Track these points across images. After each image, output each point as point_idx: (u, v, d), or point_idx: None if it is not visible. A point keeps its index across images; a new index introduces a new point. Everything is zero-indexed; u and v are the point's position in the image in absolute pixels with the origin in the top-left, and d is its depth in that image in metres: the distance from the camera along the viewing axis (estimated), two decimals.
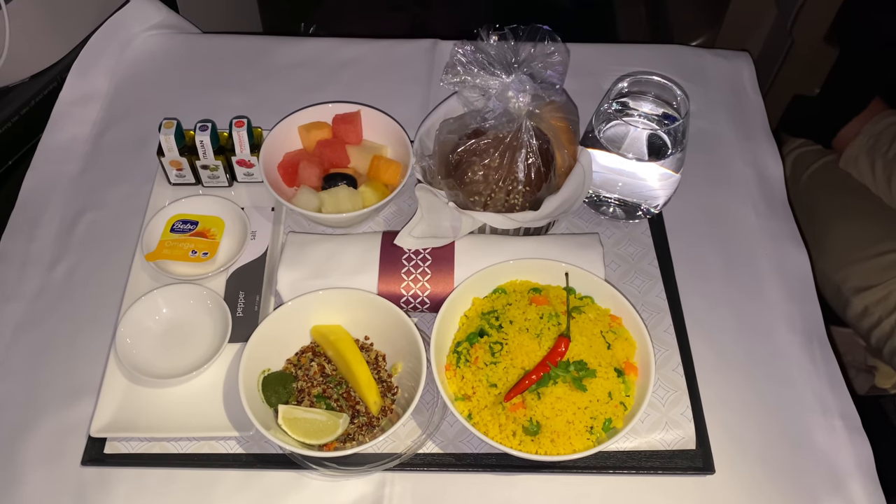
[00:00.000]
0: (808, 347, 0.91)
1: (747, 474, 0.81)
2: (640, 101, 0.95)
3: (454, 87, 0.85)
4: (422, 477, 0.80)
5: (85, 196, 1.02)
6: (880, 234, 1.33)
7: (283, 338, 0.83)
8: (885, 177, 1.34)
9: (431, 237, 0.88)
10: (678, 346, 0.88)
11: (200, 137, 0.94)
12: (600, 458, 0.81)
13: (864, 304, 1.29)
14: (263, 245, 0.94)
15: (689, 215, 1.01)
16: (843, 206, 1.40)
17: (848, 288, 1.32)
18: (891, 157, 1.34)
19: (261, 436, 0.81)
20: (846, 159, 1.40)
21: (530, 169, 0.87)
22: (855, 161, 1.39)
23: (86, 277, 0.94)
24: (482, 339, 0.80)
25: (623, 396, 0.77)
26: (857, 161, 1.39)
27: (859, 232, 1.35)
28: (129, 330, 0.84)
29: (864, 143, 1.39)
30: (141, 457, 0.80)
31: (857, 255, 1.33)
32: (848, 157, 1.40)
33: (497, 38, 0.86)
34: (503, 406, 0.76)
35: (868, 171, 1.37)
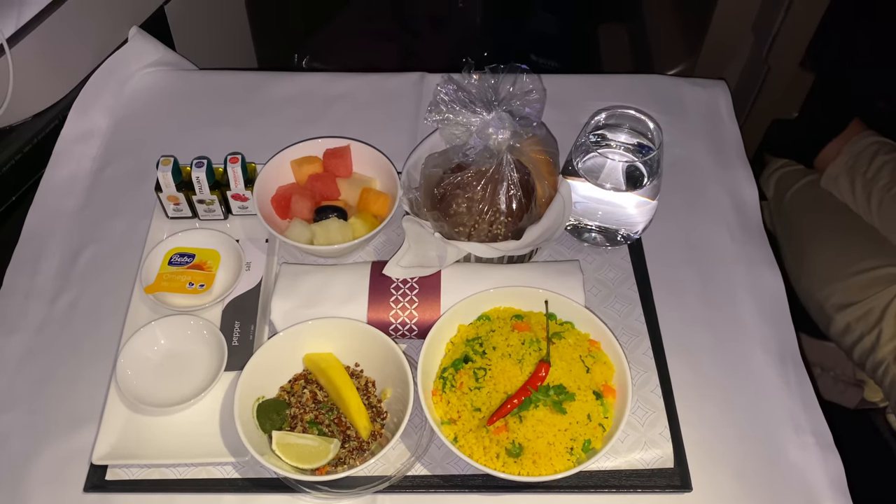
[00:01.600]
0: (782, 368, 0.94)
1: (724, 491, 0.85)
2: (617, 132, 0.99)
3: (437, 125, 0.89)
4: (411, 498, 0.84)
5: (85, 231, 1.06)
6: (861, 253, 1.36)
7: (276, 366, 0.86)
8: (864, 195, 1.38)
9: (418, 266, 0.92)
10: (657, 368, 0.92)
11: (197, 174, 0.98)
12: (581, 478, 0.84)
13: (847, 320, 1.33)
14: (258, 276, 0.98)
15: (667, 240, 1.05)
16: (825, 224, 1.44)
17: (830, 305, 1.35)
18: (870, 176, 1.38)
19: (256, 461, 0.84)
20: (827, 179, 1.44)
21: (511, 200, 0.91)
22: (835, 180, 1.43)
23: (87, 310, 0.98)
24: (466, 365, 0.83)
25: (601, 418, 0.81)
26: (837, 180, 1.42)
27: (841, 250, 1.39)
28: (129, 360, 0.88)
29: (845, 163, 1.43)
30: (141, 483, 0.84)
31: (838, 273, 1.36)
32: (829, 177, 1.44)
33: (478, 77, 0.90)
34: (487, 429, 0.79)
35: (848, 190, 1.41)
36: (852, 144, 1.44)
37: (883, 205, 1.36)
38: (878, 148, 1.41)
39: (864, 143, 1.43)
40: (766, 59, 1.41)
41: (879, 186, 1.37)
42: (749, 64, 1.46)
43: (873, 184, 1.38)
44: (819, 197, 1.46)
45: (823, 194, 1.45)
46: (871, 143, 1.42)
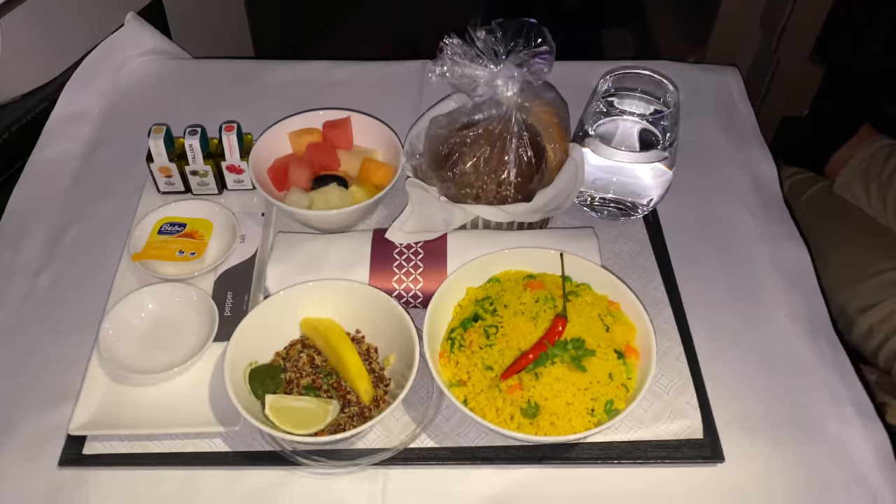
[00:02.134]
0: (814, 338, 0.88)
1: (759, 463, 0.77)
2: (629, 98, 0.95)
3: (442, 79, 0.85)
4: (417, 472, 0.76)
5: (73, 209, 1.01)
6: (879, 254, 1.32)
7: (271, 330, 0.80)
8: (879, 198, 1.35)
9: (423, 231, 0.87)
10: (679, 336, 0.86)
11: (190, 141, 0.93)
12: (603, 450, 0.77)
13: (869, 323, 1.27)
14: (253, 248, 0.92)
15: (683, 216, 1.00)
16: (841, 230, 1.40)
17: (852, 309, 1.30)
18: (884, 178, 1.34)
19: (247, 432, 0.77)
20: (840, 184, 1.40)
21: (521, 159, 0.86)
22: (849, 185, 1.39)
23: (71, 285, 0.92)
24: (476, 324, 0.77)
25: (624, 379, 0.74)
26: (850, 185, 1.39)
27: (858, 253, 1.34)
28: (113, 328, 0.82)
29: (858, 167, 1.39)
30: (121, 457, 0.76)
31: (857, 276, 1.32)
32: (842, 182, 1.40)
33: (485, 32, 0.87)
34: (500, 389, 0.72)
35: (863, 194, 1.37)
36: (864, 148, 1.41)
37: None
38: (891, 151, 1.38)
39: (876, 147, 1.40)
40: (775, 51, 1.38)
41: (895, 189, 1.33)
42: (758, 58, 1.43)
43: (888, 186, 1.34)
44: (832, 203, 1.42)
45: (837, 200, 1.41)
46: (884, 147, 1.39)
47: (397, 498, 0.74)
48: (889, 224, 1.34)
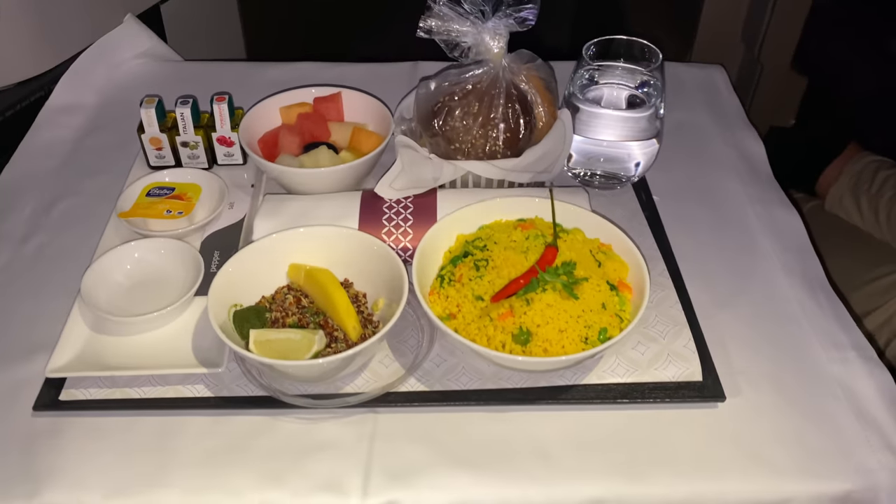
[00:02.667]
0: (811, 291, 0.87)
1: (762, 403, 0.75)
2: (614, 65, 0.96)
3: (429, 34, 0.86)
4: (406, 416, 0.73)
5: (63, 185, 1.00)
6: (874, 261, 1.32)
7: (257, 274, 0.78)
8: (871, 211, 1.35)
9: (412, 188, 0.86)
10: (674, 287, 0.84)
11: (181, 110, 0.94)
12: (599, 392, 0.74)
13: (870, 328, 1.26)
14: (241, 213, 0.92)
15: (673, 185, 1.00)
16: (836, 246, 1.40)
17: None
18: (874, 192, 1.36)
19: (231, 379, 0.75)
20: (831, 201, 1.42)
21: (508, 115, 0.87)
22: (840, 201, 1.40)
23: (57, 252, 0.91)
24: (466, 259, 0.76)
25: (618, 309, 0.73)
26: (842, 201, 1.40)
27: (853, 263, 1.34)
28: (96, 279, 0.80)
29: (847, 183, 1.41)
30: (98, 403, 0.73)
31: (853, 283, 1.31)
32: (833, 199, 1.42)
33: None
34: (490, 318, 0.71)
35: (854, 209, 1.38)
36: (852, 164, 1.43)
37: (892, 217, 1.33)
38: (879, 165, 1.40)
39: (864, 163, 1.42)
40: (758, 58, 1.42)
41: (886, 200, 1.35)
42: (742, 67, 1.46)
43: (879, 198, 1.35)
44: (825, 221, 1.43)
45: (829, 217, 1.42)
46: (871, 162, 1.41)
47: (386, 441, 0.71)
48: (883, 235, 1.34)
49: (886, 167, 1.38)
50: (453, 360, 0.77)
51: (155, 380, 0.75)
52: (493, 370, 0.76)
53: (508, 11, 0.86)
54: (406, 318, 0.80)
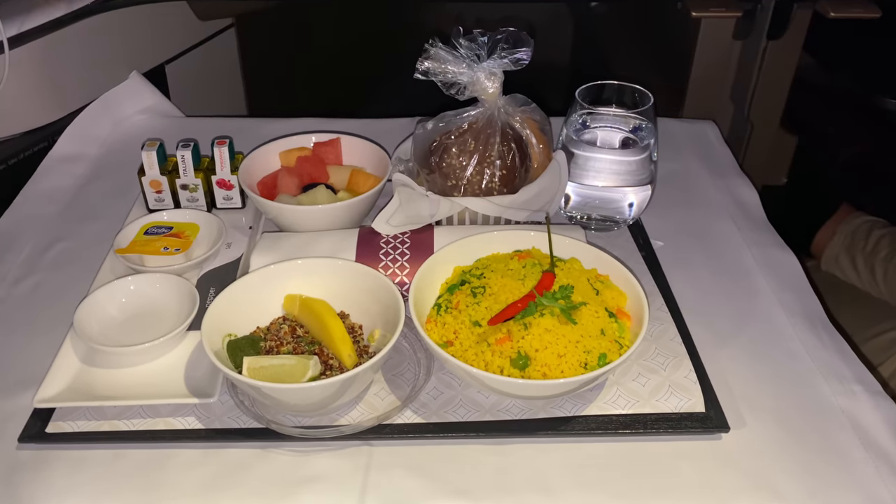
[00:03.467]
0: (812, 328, 0.86)
1: (767, 435, 0.73)
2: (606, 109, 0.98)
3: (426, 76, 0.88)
4: (403, 448, 0.71)
5: (61, 229, 1.01)
6: (876, 317, 1.32)
7: (253, 305, 0.77)
8: (867, 270, 1.36)
9: (409, 224, 0.87)
10: (673, 321, 0.84)
11: (182, 153, 0.95)
12: (601, 423, 0.73)
13: None
14: (238, 252, 0.91)
15: (668, 228, 1.01)
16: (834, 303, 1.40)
17: None
18: (869, 250, 1.37)
19: (223, 411, 0.73)
20: (827, 261, 1.43)
21: (505, 152, 0.88)
22: (836, 260, 1.41)
23: (52, 290, 0.90)
24: (463, 287, 0.75)
25: (617, 336, 0.72)
26: (838, 260, 1.41)
27: (854, 320, 1.34)
28: (90, 312, 0.79)
29: (842, 243, 1.42)
30: (86, 435, 0.71)
31: (855, 340, 1.30)
32: (828, 259, 1.43)
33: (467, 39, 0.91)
34: (488, 343, 0.70)
35: (850, 268, 1.39)
36: (845, 224, 1.45)
37: (888, 275, 1.34)
38: (872, 224, 1.41)
39: (857, 223, 1.44)
40: (748, 116, 1.45)
41: (881, 258, 1.36)
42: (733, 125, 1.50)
43: (874, 256, 1.37)
44: (822, 280, 1.44)
45: (826, 278, 1.43)
46: (864, 222, 1.43)
47: (382, 473, 0.69)
48: (881, 293, 1.34)
49: (880, 226, 1.39)
50: (451, 392, 0.75)
51: (145, 411, 0.73)
52: (491, 402, 0.74)
53: (503, 54, 0.88)
54: (403, 351, 0.79)
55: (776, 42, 1.36)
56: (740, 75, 1.44)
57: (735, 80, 1.47)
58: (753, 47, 1.38)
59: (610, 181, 0.95)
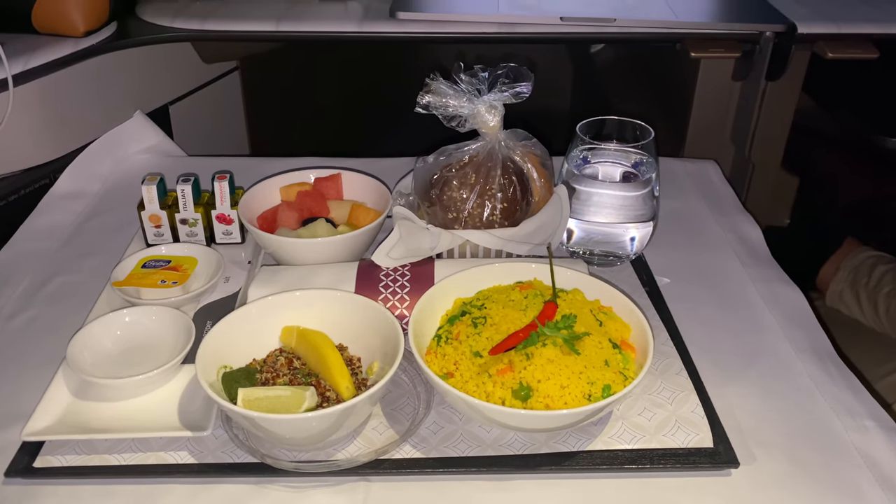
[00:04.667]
0: (821, 363, 0.84)
1: (779, 471, 0.70)
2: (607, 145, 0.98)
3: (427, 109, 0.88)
4: (401, 484, 0.69)
5: (59, 264, 1.00)
6: (884, 356, 1.30)
7: (249, 337, 0.76)
8: (871, 305, 1.35)
9: (410, 257, 0.86)
10: (679, 355, 0.82)
11: (182, 187, 0.95)
12: (605, 458, 0.70)
13: None
14: (236, 287, 0.90)
15: (672, 266, 1.00)
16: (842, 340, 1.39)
17: None
18: (872, 286, 1.36)
19: (216, 446, 0.71)
20: (831, 296, 1.42)
21: (506, 185, 0.88)
22: (840, 296, 1.40)
23: (47, 324, 0.89)
24: (464, 318, 0.74)
25: (622, 367, 0.70)
26: (842, 295, 1.40)
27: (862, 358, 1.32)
28: (83, 345, 0.77)
29: (846, 278, 1.42)
30: (75, 469, 0.69)
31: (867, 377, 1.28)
32: (833, 294, 1.41)
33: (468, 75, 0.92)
34: (489, 374, 0.68)
35: (854, 303, 1.38)
36: (849, 260, 1.44)
37: (891, 311, 1.32)
38: (877, 260, 1.41)
39: (861, 258, 1.43)
40: (749, 158, 1.45)
41: (884, 294, 1.35)
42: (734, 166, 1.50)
43: (877, 292, 1.35)
44: (827, 316, 1.42)
45: (832, 313, 1.42)
46: (868, 257, 1.42)
47: None
48: (884, 329, 1.33)
49: (884, 262, 1.38)
50: (451, 426, 0.73)
51: (136, 445, 0.71)
52: (492, 437, 0.72)
53: (504, 88, 0.88)
54: (402, 385, 0.78)
55: (775, 83, 1.37)
56: (740, 116, 1.45)
57: (735, 121, 1.47)
58: (753, 88, 1.38)
59: (612, 216, 0.94)
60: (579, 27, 1.28)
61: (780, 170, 1.51)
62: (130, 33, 1.24)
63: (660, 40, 1.34)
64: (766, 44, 1.30)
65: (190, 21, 1.28)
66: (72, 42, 1.14)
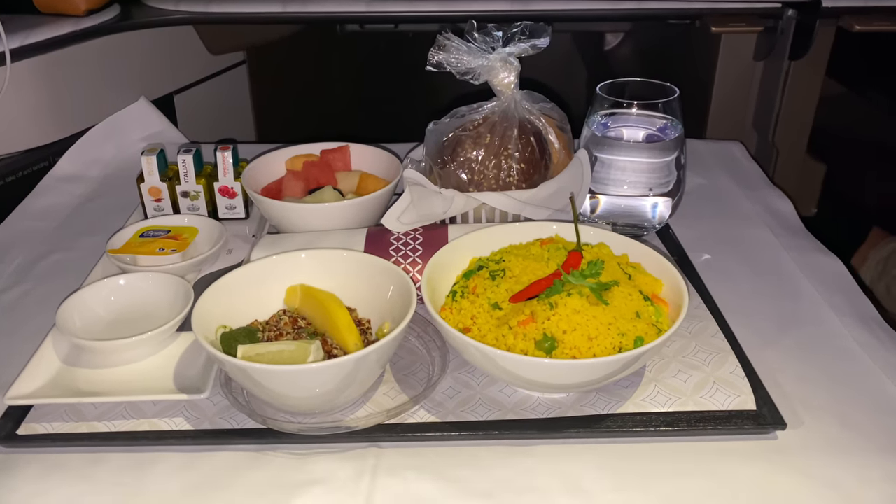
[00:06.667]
0: (867, 327, 0.78)
1: (829, 434, 0.64)
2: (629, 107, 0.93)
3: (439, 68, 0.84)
4: (414, 451, 0.63)
5: (55, 242, 0.96)
6: None
7: (251, 299, 0.70)
8: None
9: (421, 222, 0.81)
10: (714, 318, 0.76)
11: (183, 157, 0.91)
12: (638, 421, 0.64)
13: None
14: (239, 258, 0.86)
15: (701, 237, 0.94)
16: None
17: None
18: None
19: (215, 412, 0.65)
20: None
21: (524, 146, 0.83)
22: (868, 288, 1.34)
23: (40, 299, 0.84)
24: (480, 272, 0.69)
25: (654, 320, 0.64)
26: (871, 288, 1.34)
27: None
28: (74, 310, 0.73)
29: (874, 269, 1.37)
30: (61, 436, 0.64)
31: None
32: None
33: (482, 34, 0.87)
34: (509, 326, 0.62)
35: (885, 295, 1.32)
36: (877, 251, 1.39)
37: None
38: None
39: (890, 249, 1.38)
40: (772, 143, 1.40)
41: None
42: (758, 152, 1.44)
43: None
44: None
45: None
46: None
47: (391, 477, 0.60)
48: None
49: None
50: (468, 391, 0.68)
51: (128, 411, 0.65)
52: (514, 401, 0.66)
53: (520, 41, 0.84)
54: (415, 351, 0.72)
55: (799, 62, 1.32)
56: (763, 99, 1.40)
57: (758, 104, 1.42)
58: (776, 68, 1.33)
59: (636, 185, 0.89)
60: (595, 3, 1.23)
61: (805, 156, 1.45)
62: (133, 15, 1.21)
63: (679, 16, 1.29)
64: (788, 19, 1.26)
65: (194, 4, 1.25)
66: (73, 21, 1.11)
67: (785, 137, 1.42)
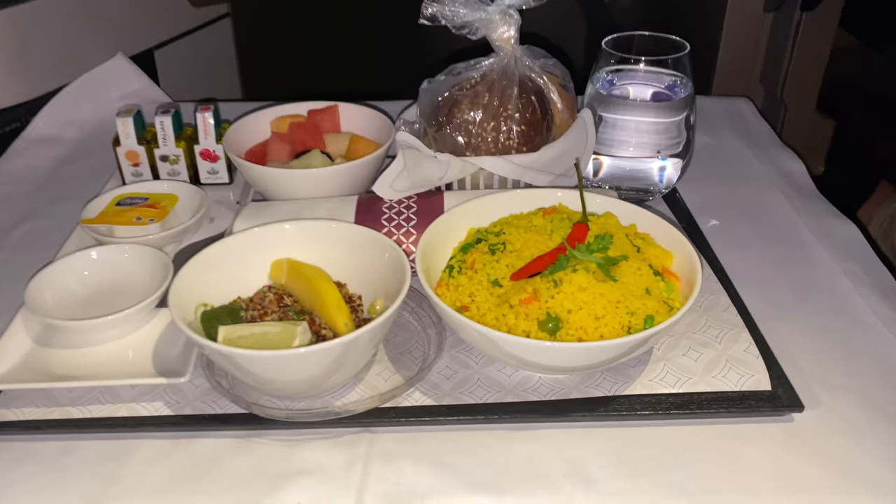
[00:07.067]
0: (886, 298, 0.74)
1: (849, 415, 0.61)
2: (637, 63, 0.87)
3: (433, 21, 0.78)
4: (408, 436, 0.59)
5: (29, 209, 0.90)
6: None
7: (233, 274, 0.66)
8: None
9: (415, 189, 0.76)
10: (725, 290, 0.72)
11: (161, 119, 0.85)
12: (647, 403, 0.61)
13: None
14: (223, 227, 0.81)
15: (709, 201, 0.90)
16: None
17: None
18: None
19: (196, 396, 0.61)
20: None
21: (524, 107, 0.77)
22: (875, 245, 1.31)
23: (12, 271, 0.79)
24: (479, 245, 0.64)
25: (665, 297, 0.60)
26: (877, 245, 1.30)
27: None
28: (45, 286, 0.68)
29: (879, 228, 1.32)
30: (32, 423, 0.60)
31: None
32: None
33: None
34: (510, 305, 0.58)
35: (891, 252, 1.28)
36: (884, 207, 1.34)
37: None
38: None
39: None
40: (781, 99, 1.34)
41: None
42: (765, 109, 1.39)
43: None
44: None
45: None
46: None
47: (385, 464, 0.57)
48: None
49: None
50: (466, 371, 0.64)
51: (104, 396, 0.61)
52: (514, 382, 0.62)
53: None
54: (409, 328, 0.68)
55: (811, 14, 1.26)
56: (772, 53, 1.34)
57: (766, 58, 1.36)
58: (786, 20, 1.27)
59: (643, 146, 0.84)
60: None
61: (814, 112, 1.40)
62: None
63: None
64: None
65: None
66: None
67: (794, 92, 1.36)
